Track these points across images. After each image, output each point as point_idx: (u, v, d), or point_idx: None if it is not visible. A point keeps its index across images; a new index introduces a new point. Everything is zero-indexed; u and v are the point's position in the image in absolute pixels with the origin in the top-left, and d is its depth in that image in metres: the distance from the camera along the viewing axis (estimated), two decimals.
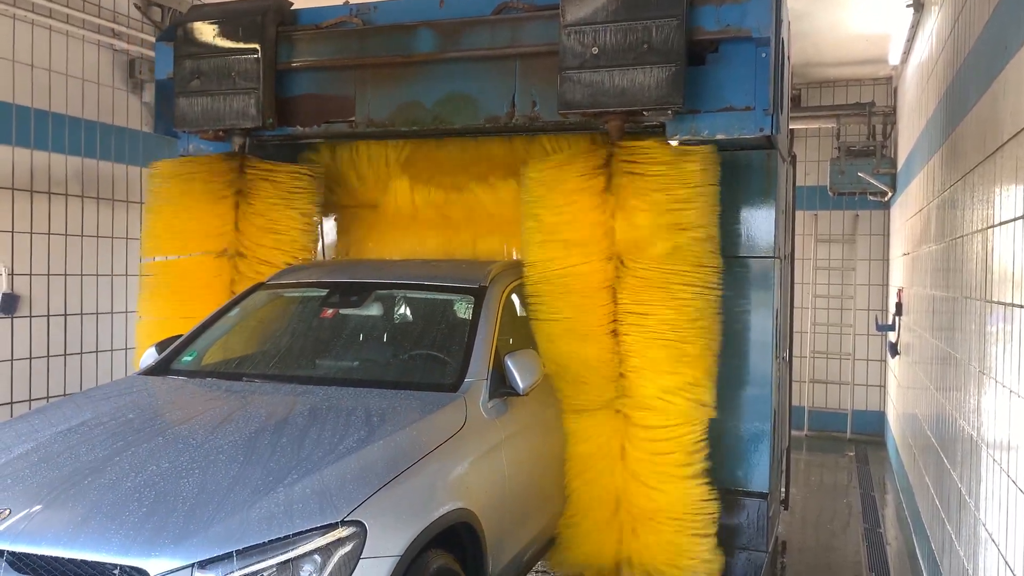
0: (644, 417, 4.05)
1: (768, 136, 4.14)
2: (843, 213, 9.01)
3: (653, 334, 3.99)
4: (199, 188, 4.80)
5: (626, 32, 4.01)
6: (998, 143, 2.94)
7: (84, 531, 2.47)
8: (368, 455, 2.90)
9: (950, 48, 4.34)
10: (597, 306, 4.08)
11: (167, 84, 5.05)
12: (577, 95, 4.08)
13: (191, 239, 4.84)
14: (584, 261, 4.09)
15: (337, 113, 4.81)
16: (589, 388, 4.10)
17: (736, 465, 4.44)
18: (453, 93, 4.58)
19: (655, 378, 4.01)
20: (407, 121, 4.69)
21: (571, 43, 4.09)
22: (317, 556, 2.49)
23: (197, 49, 4.82)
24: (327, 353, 4.33)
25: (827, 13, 6.71)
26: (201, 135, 4.97)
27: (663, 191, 4.01)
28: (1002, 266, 2.83)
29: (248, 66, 4.72)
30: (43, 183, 5.76)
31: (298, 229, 4.93)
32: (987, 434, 3.02)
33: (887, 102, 8.64)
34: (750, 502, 4.44)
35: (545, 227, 4.18)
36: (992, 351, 2.96)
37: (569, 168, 4.16)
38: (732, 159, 4.32)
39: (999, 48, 2.96)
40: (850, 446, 8.53)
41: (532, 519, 3.83)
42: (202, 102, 4.80)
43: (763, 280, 4.47)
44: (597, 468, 4.11)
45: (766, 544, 4.47)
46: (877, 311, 8.81)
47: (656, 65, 3.96)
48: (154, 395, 3.62)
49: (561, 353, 4.12)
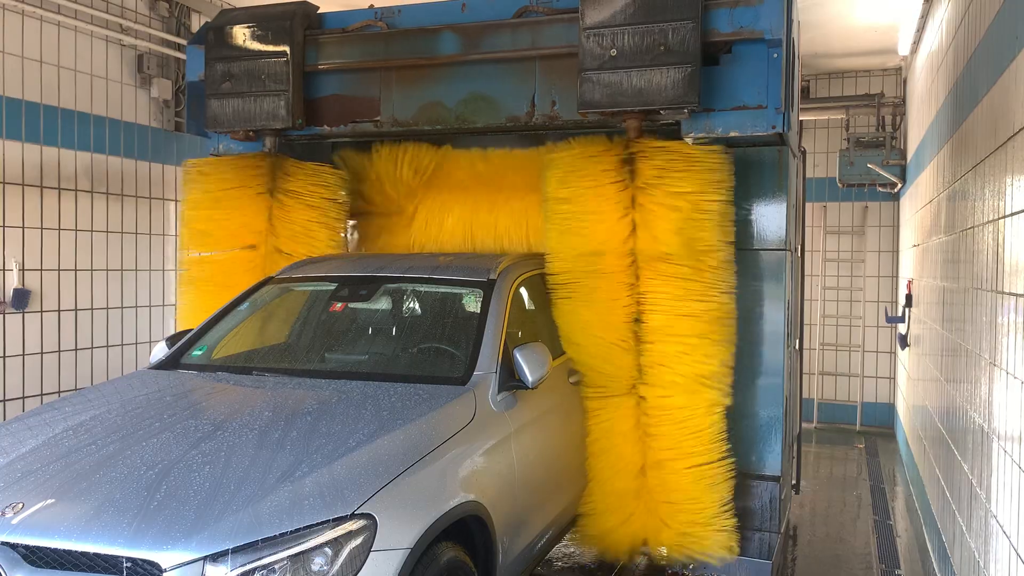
0: (663, 402, 4.22)
1: (780, 133, 4.25)
2: (852, 204, 8.98)
3: (672, 322, 4.17)
4: (234, 186, 4.96)
5: (643, 34, 4.15)
6: (1009, 133, 2.92)
7: (96, 524, 2.49)
8: (378, 448, 2.91)
9: (960, 38, 4.31)
10: (619, 296, 4.24)
11: (198, 86, 5.23)
12: (596, 95, 4.22)
13: (227, 234, 5.00)
14: (606, 253, 4.25)
15: (363, 113, 4.98)
16: (611, 374, 4.28)
17: (750, 450, 4.61)
18: (475, 93, 4.74)
19: (674, 364, 4.18)
20: (430, 120, 4.84)
21: (590, 45, 4.23)
22: (328, 549, 2.50)
23: (228, 52, 4.99)
24: (337, 347, 4.35)
25: (836, 3, 6.67)
26: (231, 135, 5.12)
27: (682, 187, 4.15)
28: (1013, 257, 2.81)
29: (278, 69, 4.89)
30: (53, 179, 5.78)
31: (328, 224, 5.11)
32: (998, 425, 3.01)
33: (896, 93, 8.59)
34: (763, 485, 4.61)
35: (568, 220, 4.32)
36: (1003, 342, 2.95)
37: (592, 164, 4.29)
38: (745, 155, 4.48)
39: (1010, 38, 2.94)
40: (860, 438, 8.52)
41: (542, 511, 3.84)
42: (233, 103, 4.97)
43: (775, 272, 4.62)
44: (618, 451, 4.28)
45: (779, 525, 4.63)
46: (887, 303, 8.78)
47: (672, 66, 4.11)
48: (164, 389, 3.63)
49: (584, 340, 4.31)
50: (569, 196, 4.33)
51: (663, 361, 4.22)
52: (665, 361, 4.21)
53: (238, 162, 5.03)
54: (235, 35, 4.98)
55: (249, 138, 5.10)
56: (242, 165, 5.00)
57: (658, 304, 4.21)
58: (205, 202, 5.00)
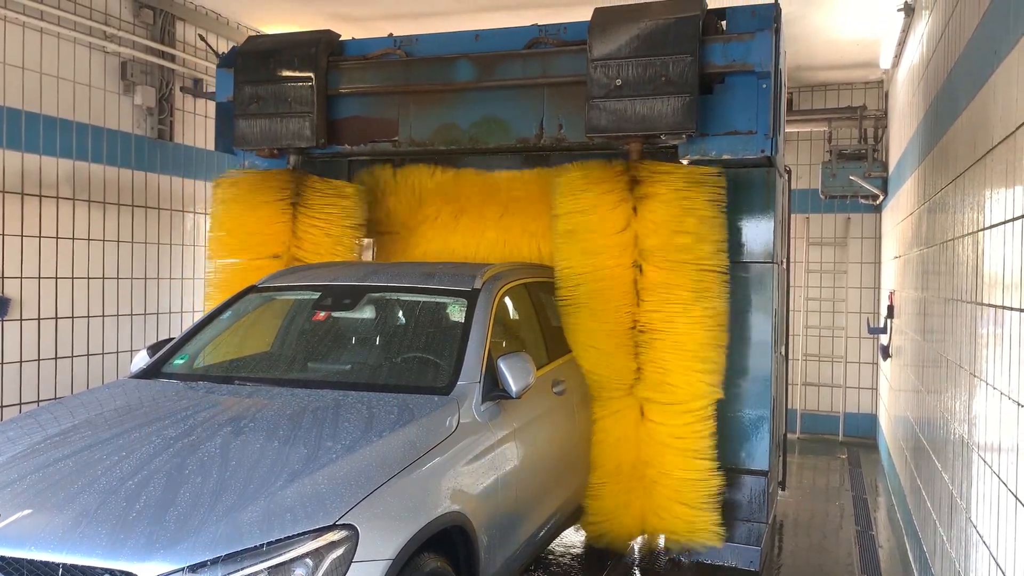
0: (660, 398, 4.61)
1: (768, 156, 4.67)
2: (835, 216, 9.04)
3: (669, 328, 4.56)
4: (260, 199, 5.33)
5: (646, 66, 4.56)
6: (988, 146, 2.95)
7: (74, 535, 2.46)
8: (360, 458, 2.90)
9: (940, 52, 4.36)
10: (621, 304, 4.63)
11: (226, 106, 5.59)
12: (603, 121, 4.63)
13: (253, 244, 5.35)
14: (610, 265, 4.64)
15: (382, 133, 5.38)
16: (614, 376, 4.65)
17: (740, 447, 5.04)
18: (487, 116, 5.17)
19: (671, 366, 4.57)
20: (446, 141, 5.25)
21: (598, 75, 4.64)
22: (309, 560, 2.48)
23: (256, 76, 5.36)
24: (320, 356, 4.33)
25: (819, 17, 6.73)
26: (258, 153, 5.52)
27: (680, 204, 4.55)
28: (992, 269, 2.84)
29: (303, 92, 5.28)
30: (34, 186, 5.74)
31: (346, 235, 5.46)
32: (978, 436, 3.03)
33: (878, 106, 8.68)
34: (752, 479, 5.02)
35: (575, 233, 4.70)
36: (983, 354, 2.97)
37: (597, 185, 4.67)
38: (736, 176, 4.92)
39: (989, 53, 2.98)
40: (842, 449, 8.55)
41: (527, 521, 3.83)
42: (260, 123, 5.35)
43: (763, 283, 5.05)
44: (618, 447, 4.66)
45: (766, 516, 5.05)
46: (869, 314, 8.83)
47: (672, 95, 4.52)
48: (145, 399, 3.60)
49: (589, 344, 4.68)
50: (576, 213, 4.68)
51: (660, 363, 4.58)
52: (662, 363, 4.57)
53: (264, 177, 5.38)
54: (263, 60, 5.35)
55: (273, 156, 5.49)
56: (268, 180, 5.36)
57: (657, 311, 4.58)
58: (233, 214, 5.35)
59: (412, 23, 7.16)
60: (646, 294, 4.60)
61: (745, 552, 4.98)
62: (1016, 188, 2.50)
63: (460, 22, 7.04)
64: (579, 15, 6.72)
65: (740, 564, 4.98)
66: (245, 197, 5.34)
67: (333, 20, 7.14)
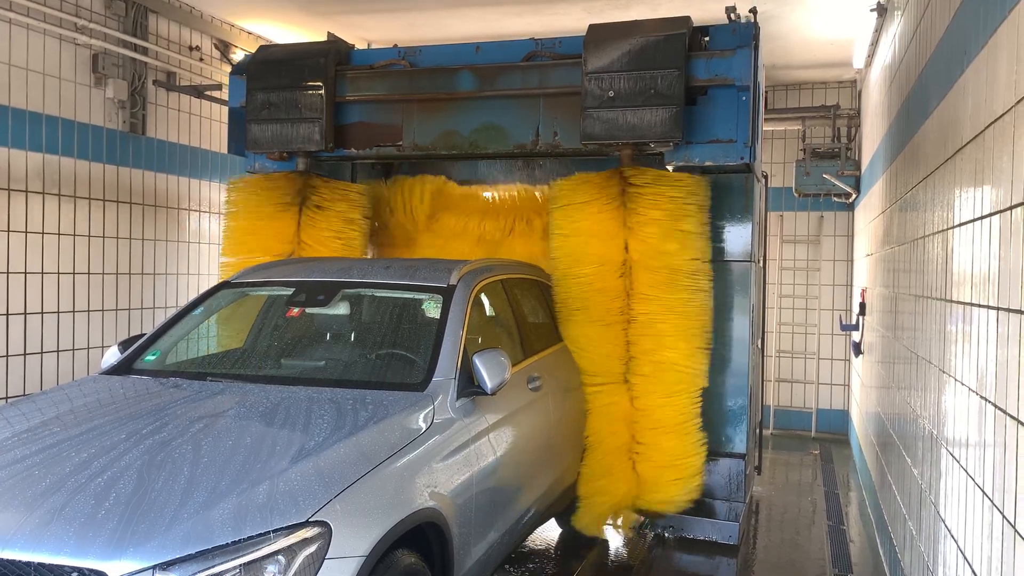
0: (648, 383, 5.02)
1: (747, 163, 5.08)
2: (808, 214, 9.12)
3: (657, 319, 4.96)
4: (270, 199, 5.64)
5: (637, 79, 4.93)
6: (958, 146, 2.99)
7: (42, 534, 2.43)
8: (333, 455, 2.88)
9: (912, 53, 4.40)
10: (613, 298, 5.02)
11: (238, 112, 5.94)
12: (596, 129, 5.02)
13: (262, 242, 5.62)
14: (602, 263, 5.01)
15: (387, 139, 5.73)
16: (607, 365, 5.05)
17: (720, 432, 5.44)
18: (487, 124, 5.53)
19: (657, 355, 4.98)
20: (447, 146, 5.61)
21: (592, 87, 5.01)
22: (281, 557, 2.47)
23: (267, 83, 5.69)
24: (293, 352, 4.30)
25: (794, 16, 6.78)
26: (268, 156, 5.88)
27: (667, 207, 4.93)
28: (961, 266, 2.88)
29: (313, 99, 5.61)
30: (3, 179, 5.64)
31: (351, 234, 5.75)
32: (947, 431, 3.07)
33: (852, 105, 8.76)
34: (731, 462, 5.43)
35: (569, 232, 5.08)
36: (951, 350, 3.01)
37: (590, 186, 5.05)
38: (716, 181, 5.31)
39: (959, 53, 3.02)
40: (815, 444, 8.63)
41: (503, 516, 3.83)
42: (272, 128, 5.68)
43: (742, 281, 5.43)
44: (610, 429, 5.06)
45: (744, 496, 5.51)
46: (841, 311, 8.92)
47: (661, 106, 4.90)
48: (115, 395, 3.56)
49: (583, 336, 5.08)
50: (571, 214, 5.04)
51: (649, 352, 4.99)
52: (651, 352, 4.99)
53: (274, 179, 5.71)
54: (275, 69, 5.68)
55: (283, 158, 5.83)
56: (278, 182, 5.68)
57: (646, 304, 4.97)
58: (244, 213, 5.66)
59: (389, 16, 7.14)
60: (636, 291, 4.98)
61: (725, 527, 5.39)
62: (985, 187, 2.54)
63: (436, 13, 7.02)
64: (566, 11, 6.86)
65: (720, 538, 5.38)
66: (254, 197, 5.65)
67: (309, 16, 7.09)
